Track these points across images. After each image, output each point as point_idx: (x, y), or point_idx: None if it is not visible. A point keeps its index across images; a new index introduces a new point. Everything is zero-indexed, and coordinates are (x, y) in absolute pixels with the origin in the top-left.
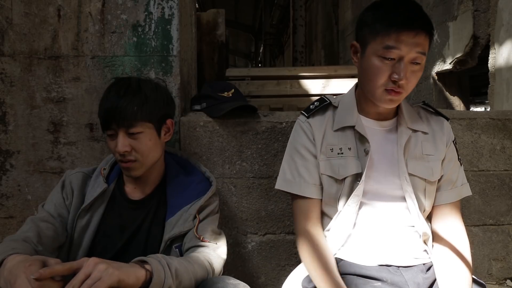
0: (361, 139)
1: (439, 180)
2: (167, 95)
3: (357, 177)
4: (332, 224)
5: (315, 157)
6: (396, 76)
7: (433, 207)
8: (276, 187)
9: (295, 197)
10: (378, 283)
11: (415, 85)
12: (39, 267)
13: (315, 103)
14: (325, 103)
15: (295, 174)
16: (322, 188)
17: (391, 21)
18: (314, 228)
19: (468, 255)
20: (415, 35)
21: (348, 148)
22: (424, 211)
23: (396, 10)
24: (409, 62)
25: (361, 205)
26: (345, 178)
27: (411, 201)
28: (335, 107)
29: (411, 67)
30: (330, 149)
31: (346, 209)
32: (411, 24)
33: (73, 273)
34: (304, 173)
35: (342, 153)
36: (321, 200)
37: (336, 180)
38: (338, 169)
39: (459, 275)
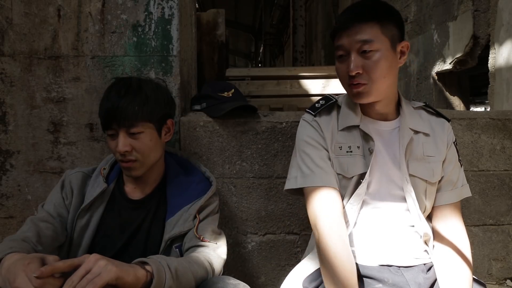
0: (366, 138)
1: (439, 181)
2: (167, 95)
3: (362, 176)
4: None
5: (326, 149)
6: (348, 69)
7: (433, 208)
8: (295, 186)
9: (313, 190)
10: (379, 285)
11: (383, 73)
12: (38, 265)
13: (321, 102)
14: (331, 102)
15: (313, 166)
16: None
17: (335, 25)
18: (341, 226)
19: (468, 256)
20: (350, 27)
21: (357, 147)
22: (424, 211)
23: (340, 15)
24: (357, 53)
25: (362, 204)
26: (353, 177)
27: (412, 202)
28: (340, 106)
29: (363, 57)
30: (339, 147)
31: (348, 208)
32: (345, 20)
33: (74, 270)
34: (321, 164)
35: (351, 151)
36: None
37: (344, 178)
38: (347, 167)
39: (460, 275)
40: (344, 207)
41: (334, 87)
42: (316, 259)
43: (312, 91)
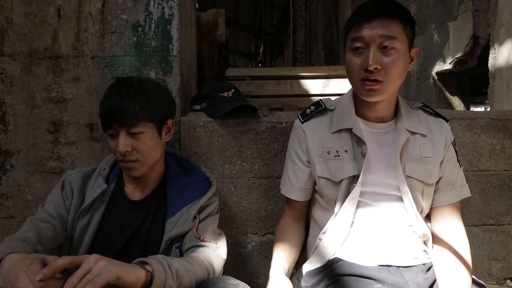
0: (358, 141)
1: (437, 182)
2: (168, 95)
3: (354, 179)
4: (329, 226)
5: (304, 163)
6: (365, 63)
7: (432, 208)
8: (280, 187)
9: (284, 196)
10: (378, 285)
11: (399, 73)
12: (40, 266)
13: (311, 107)
14: (320, 108)
15: (286, 176)
16: (308, 192)
17: (354, 16)
18: (292, 221)
19: (468, 257)
20: (374, 20)
21: (345, 151)
22: (421, 212)
23: (364, 5)
24: (377, 48)
25: (358, 204)
26: (342, 180)
27: (409, 203)
28: (331, 111)
29: (382, 53)
30: (327, 152)
31: (342, 211)
32: (369, 12)
33: (75, 268)
34: (291, 177)
35: (338, 156)
36: (309, 201)
37: (333, 182)
38: (335, 172)
39: (459, 276)
40: (338, 212)
41: (334, 87)
42: (314, 259)
43: (312, 91)
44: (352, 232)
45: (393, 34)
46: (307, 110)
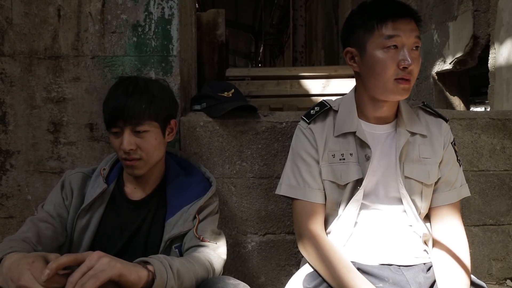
0: (362, 144)
1: (437, 182)
2: (171, 95)
3: (358, 182)
4: (333, 227)
5: (318, 162)
6: (406, 62)
7: (432, 208)
8: (281, 193)
9: (299, 200)
10: (380, 285)
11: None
12: (43, 263)
13: (315, 108)
14: (325, 108)
15: (300, 180)
16: (324, 194)
17: (384, 12)
18: (321, 230)
19: (466, 258)
20: (409, 21)
21: (350, 154)
22: (421, 212)
23: (384, 2)
24: (410, 48)
25: (361, 206)
26: (347, 184)
27: (408, 204)
28: (335, 111)
29: (413, 53)
30: (332, 155)
31: (346, 213)
32: (403, 11)
33: (77, 266)
34: (308, 179)
35: (344, 159)
36: (325, 204)
37: (338, 185)
38: (340, 175)
39: (457, 278)
40: (341, 215)
41: (334, 87)
42: None
43: (312, 91)
44: (355, 232)
45: (419, 35)
46: (311, 111)
